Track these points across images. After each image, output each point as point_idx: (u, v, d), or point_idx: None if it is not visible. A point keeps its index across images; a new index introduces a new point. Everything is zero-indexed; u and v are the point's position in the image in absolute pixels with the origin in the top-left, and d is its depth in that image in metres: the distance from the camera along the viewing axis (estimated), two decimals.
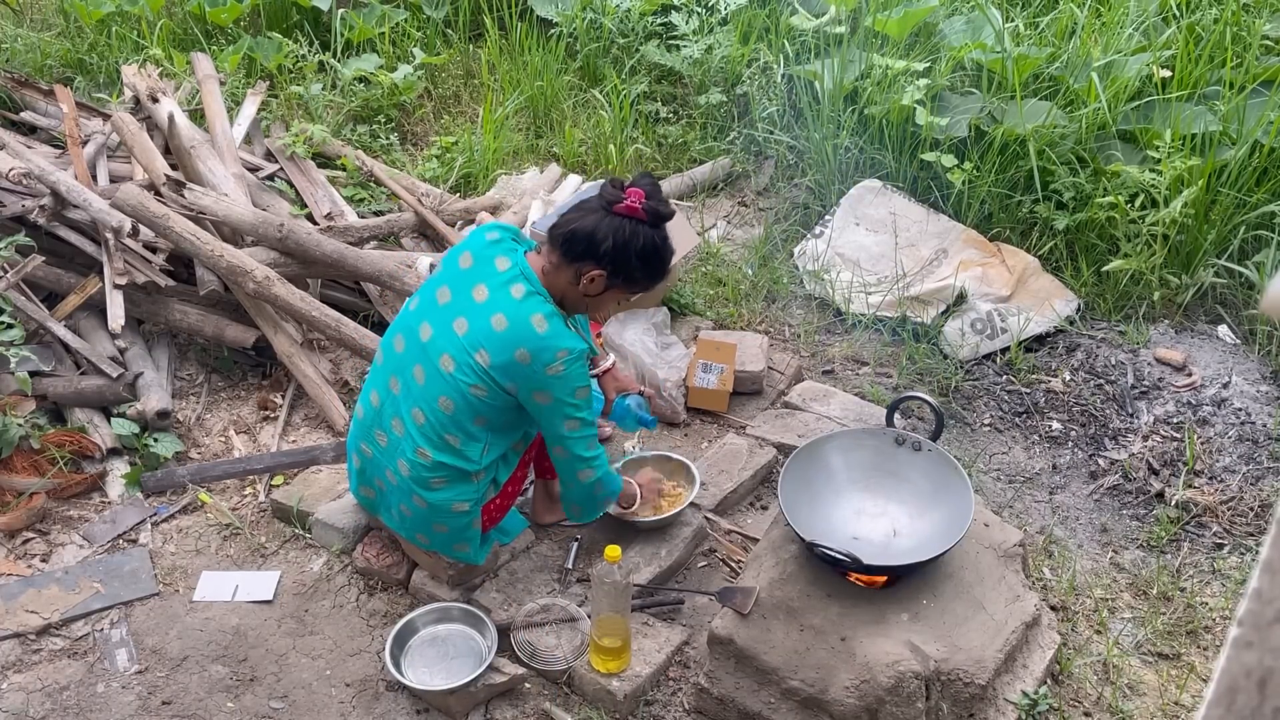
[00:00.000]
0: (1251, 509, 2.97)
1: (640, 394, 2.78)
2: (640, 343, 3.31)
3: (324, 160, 4.19)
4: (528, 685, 2.49)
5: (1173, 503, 2.99)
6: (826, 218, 3.96)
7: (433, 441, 2.39)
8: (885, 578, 2.40)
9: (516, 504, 2.87)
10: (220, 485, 3.07)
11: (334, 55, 4.73)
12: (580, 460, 2.46)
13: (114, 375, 3.15)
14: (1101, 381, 3.40)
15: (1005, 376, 3.47)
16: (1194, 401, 3.27)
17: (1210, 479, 3.06)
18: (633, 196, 2.32)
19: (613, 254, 2.32)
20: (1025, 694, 2.35)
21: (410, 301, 2.50)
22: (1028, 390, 3.40)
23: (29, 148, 3.82)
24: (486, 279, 2.37)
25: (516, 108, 4.56)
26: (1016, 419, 3.34)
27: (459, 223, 3.73)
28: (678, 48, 4.57)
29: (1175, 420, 3.23)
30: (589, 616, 2.54)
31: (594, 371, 2.73)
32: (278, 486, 3.02)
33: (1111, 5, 4.22)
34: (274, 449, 3.17)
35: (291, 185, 3.95)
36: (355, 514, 2.82)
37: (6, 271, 3.21)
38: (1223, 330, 3.54)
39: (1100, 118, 3.76)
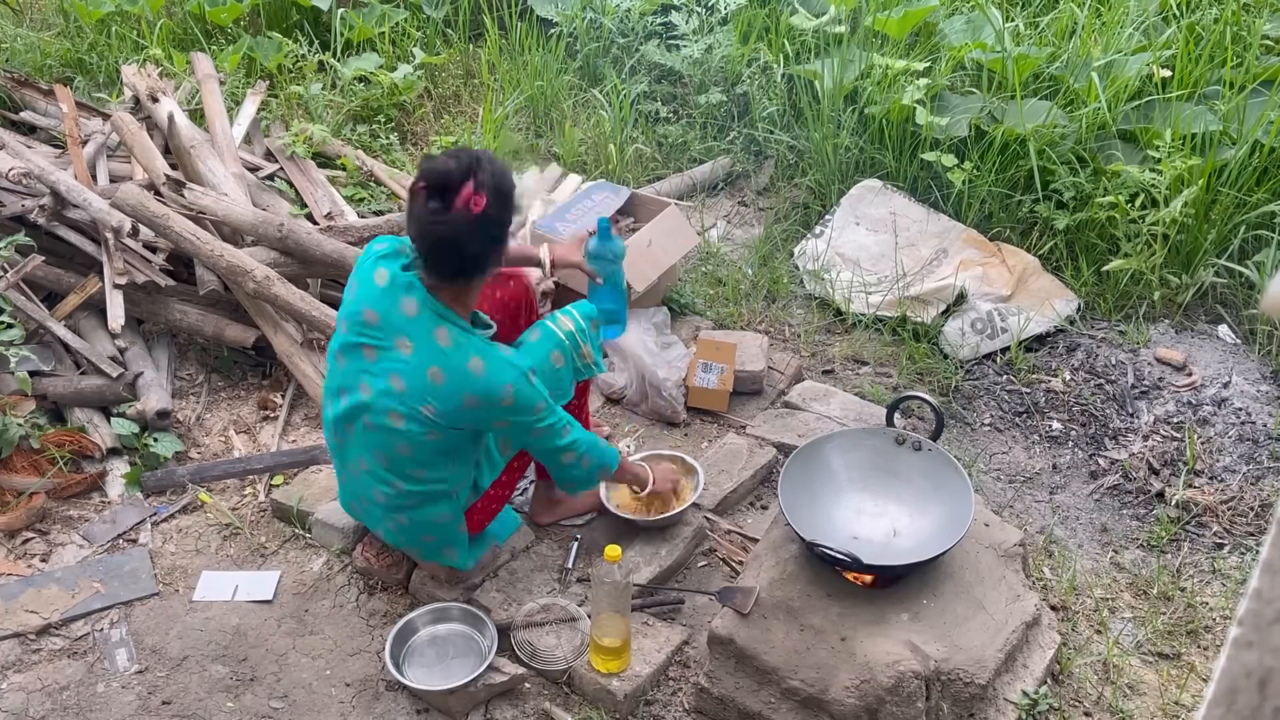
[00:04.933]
0: (1251, 509, 2.96)
1: (590, 233, 2.79)
2: (640, 343, 3.31)
3: (324, 160, 4.19)
4: (528, 685, 2.49)
5: (1173, 503, 2.98)
6: (826, 217, 3.96)
7: (401, 476, 2.39)
8: (885, 577, 2.40)
9: (515, 504, 2.87)
10: (220, 485, 3.07)
11: (334, 55, 4.73)
12: (558, 451, 2.47)
13: (114, 375, 3.15)
14: (1101, 381, 3.40)
15: (1005, 376, 3.46)
16: (1194, 401, 3.27)
17: (1210, 479, 3.06)
18: (465, 197, 2.17)
19: (499, 239, 2.27)
20: (1025, 694, 2.35)
21: (336, 356, 2.39)
22: (1028, 390, 3.40)
23: (29, 148, 3.82)
24: (405, 330, 2.28)
25: (516, 107, 4.56)
26: (1016, 419, 3.34)
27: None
28: (678, 48, 4.57)
29: (1175, 420, 3.23)
30: (589, 616, 2.54)
31: (548, 270, 2.73)
32: (278, 486, 3.02)
33: (1111, 5, 4.22)
34: (274, 449, 3.17)
35: (291, 185, 3.95)
36: None
37: (6, 271, 3.21)
38: (1223, 330, 3.54)
39: (1100, 117, 3.76)
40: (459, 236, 2.20)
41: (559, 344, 2.51)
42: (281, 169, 4.03)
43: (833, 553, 2.29)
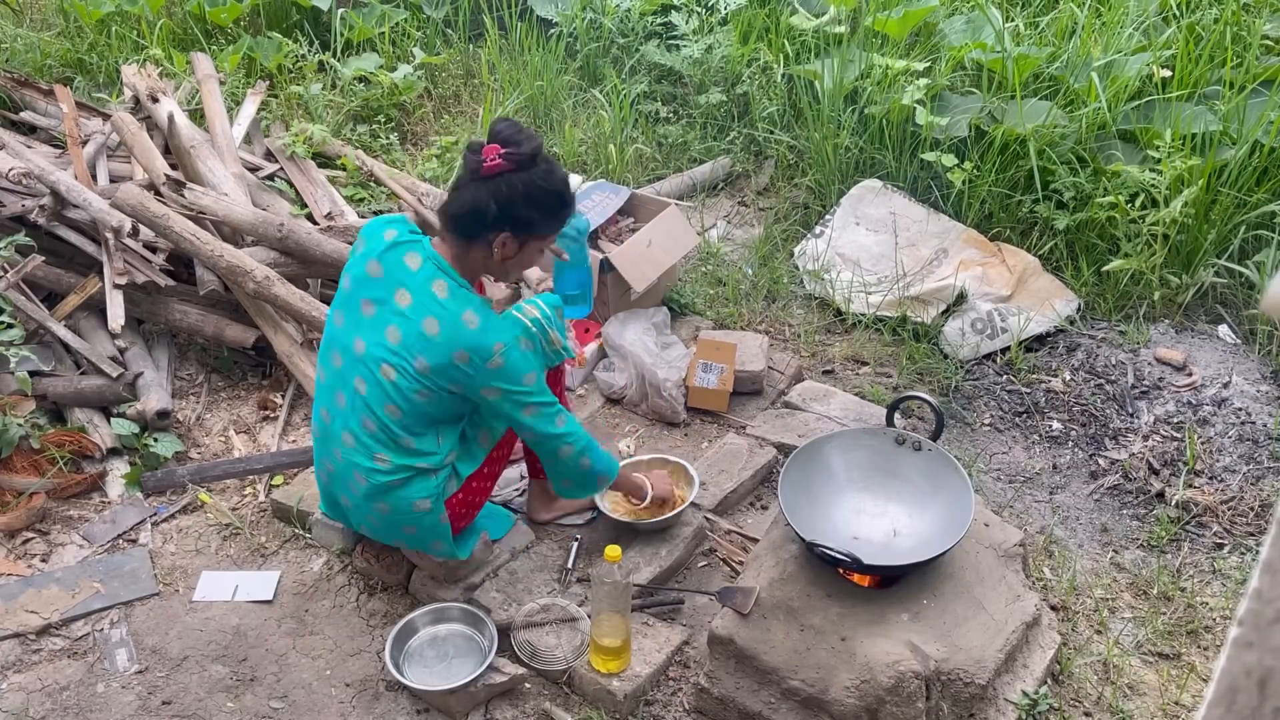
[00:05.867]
0: (1251, 509, 2.96)
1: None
2: (640, 342, 3.31)
3: (324, 160, 4.19)
4: (528, 685, 2.49)
5: (1173, 503, 2.98)
6: (827, 217, 3.96)
7: (389, 446, 2.38)
8: (884, 577, 2.40)
9: (513, 504, 2.87)
10: (220, 485, 3.07)
11: (334, 55, 4.73)
12: (553, 438, 2.43)
13: (114, 375, 3.15)
14: (1102, 381, 3.40)
15: (1005, 376, 3.46)
16: (1194, 401, 3.27)
17: (1210, 479, 3.06)
18: (489, 155, 2.28)
19: (501, 214, 2.30)
20: (1025, 694, 2.35)
21: (334, 316, 2.45)
22: (1028, 390, 3.40)
23: (29, 148, 3.82)
24: (405, 282, 2.34)
25: (516, 107, 4.56)
26: (1016, 419, 3.34)
27: None
28: (678, 48, 4.57)
29: (1175, 420, 3.23)
30: (589, 616, 2.54)
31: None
32: (278, 486, 3.02)
33: (1111, 5, 4.22)
34: (274, 449, 3.17)
35: (291, 185, 3.95)
36: None
37: (6, 271, 3.21)
38: (1223, 330, 3.54)
39: (1100, 117, 3.76)
40: (475, 189, 2.30)
41: (525, 331, 2.47)
42: (281, 169, 4.03)
43: (833, 553, 2.28)
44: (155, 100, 3.98)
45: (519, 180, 2.29)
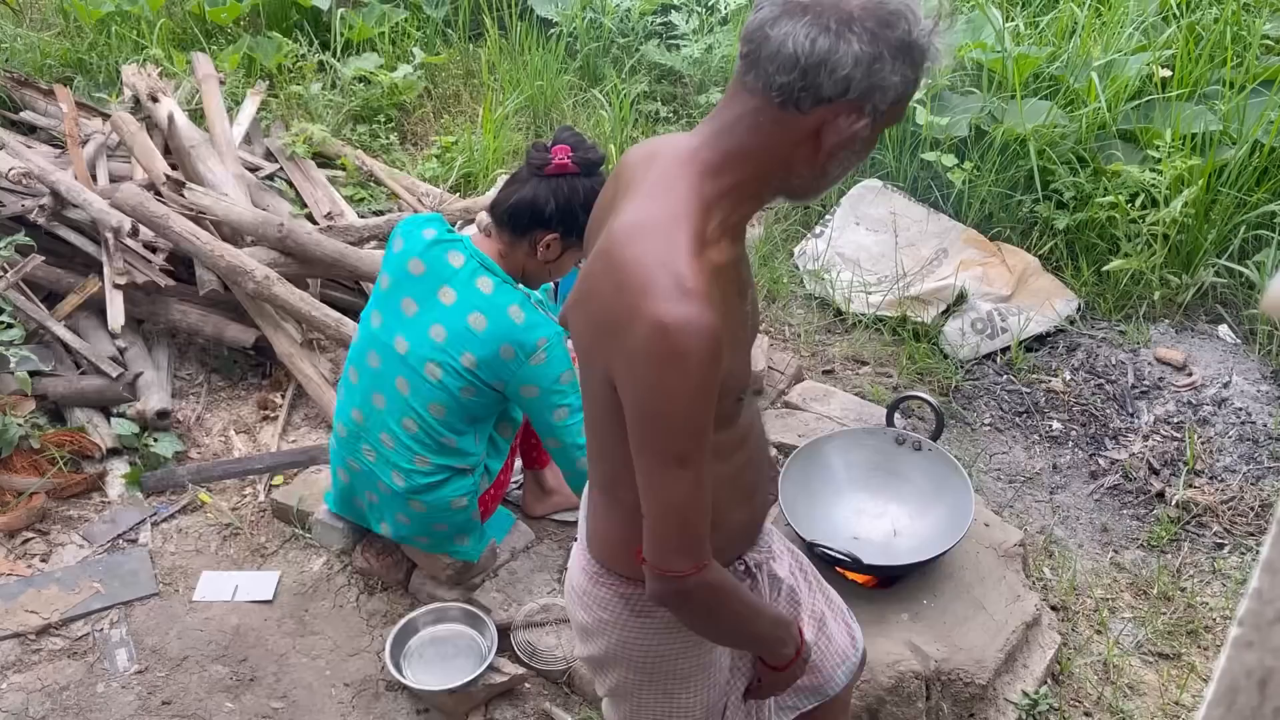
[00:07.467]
0: (1252, 509, 2.97)
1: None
2: None
3: (324, 160, 4.19)
4: (528, 685, 2.49)
5: (1173, 502, 2.98)
6: (827, 217, 3.96)
7: (430, 447, 2.39)
8: (884, 577, 2.40)
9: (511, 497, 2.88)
10: (220, 485, 3.07)
11: (334, 55, 4.73)
12: (577, 448, 2.44)
13: (114, 375, 3.15)
14: (1102, 381, 3.40)
15: (1005, 376, 3.46)
16: (1194, 401, 3.27)
17: (1210, 479, 3.06)
18: (559, 154, 2.30)
19: (559, 215, 2.31)
20: (1025, 694, 2.35)
21: (371, 315, 2.46)
22: (1028, 390, 3.40)
23: (29, 148, 3.82)
24: (449, 280, 2.35)
25: (516, 107, 4.56)
26: (1017, 419, 3.34)
27: (459, 222, 3.73)
28: (678, 47, 4.57)
29: (1175, 420, 3.23)
30: None
31: None
32: (278, 486, 3.02)
33: (1111, 5, 4.22)
34: (274, 449, 3.17)
35: (291, 185, 3.95)
36: None
37: (6, 271, 3.21)
38: (1223, 330, 3.54)
39: (1100, 117, 3.76)
40: (536, 185, 2.30)
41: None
42: (281, 169, 4.03)
43: (833, 553, 2.28)
44: (155, 100, 3.98)
45: (580, 185, 2.31)
